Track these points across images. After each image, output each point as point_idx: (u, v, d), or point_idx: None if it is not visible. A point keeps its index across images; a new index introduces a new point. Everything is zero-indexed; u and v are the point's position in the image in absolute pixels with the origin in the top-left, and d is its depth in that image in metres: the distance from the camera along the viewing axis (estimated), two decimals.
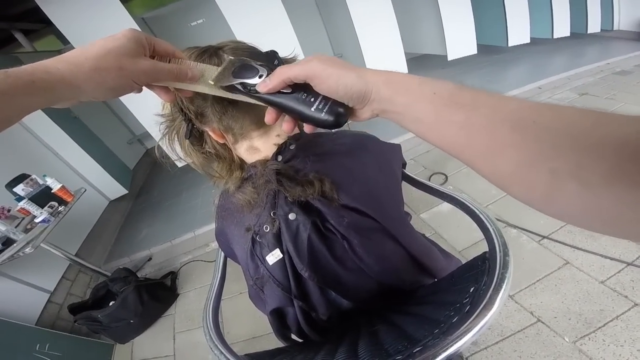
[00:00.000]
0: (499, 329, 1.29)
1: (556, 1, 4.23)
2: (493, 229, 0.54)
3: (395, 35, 3.08)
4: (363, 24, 2.95)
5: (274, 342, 1.21)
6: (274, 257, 0.51)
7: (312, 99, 0.36)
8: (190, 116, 0.49)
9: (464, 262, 0.60)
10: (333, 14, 4.06)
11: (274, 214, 0.51)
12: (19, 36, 3.64)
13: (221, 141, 0.54)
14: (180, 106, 0.49)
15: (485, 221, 0.57)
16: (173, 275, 2.08)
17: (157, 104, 0.49)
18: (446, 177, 2.25)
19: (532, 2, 4.05)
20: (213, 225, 0.67)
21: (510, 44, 4.12)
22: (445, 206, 1.91)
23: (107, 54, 0.32)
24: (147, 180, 4.05)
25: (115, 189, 3.31)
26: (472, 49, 3.54)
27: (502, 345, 1.25)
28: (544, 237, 1.62)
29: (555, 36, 4.56)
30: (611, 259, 1.43)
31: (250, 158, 0.56)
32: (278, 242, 0.51)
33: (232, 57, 0.40)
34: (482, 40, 4.03)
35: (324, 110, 0.35)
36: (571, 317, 1.27)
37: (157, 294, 1.88)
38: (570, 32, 4.67)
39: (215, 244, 1.60)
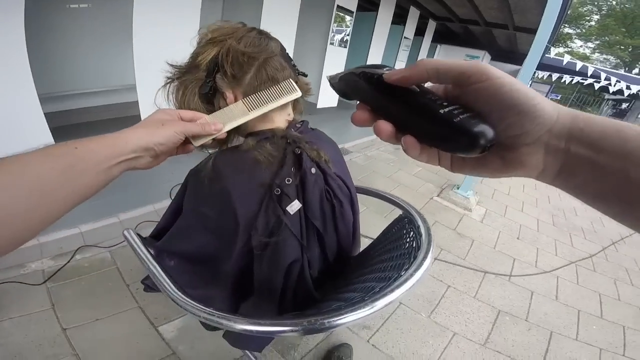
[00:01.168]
0: (379, 314, 1.50)
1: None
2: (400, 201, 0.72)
3: None
4: None
5: None
6: (293, 207, 0.54)
7: (446, 103, 0.23)
8: (220, 75, 0.54)
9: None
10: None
11: (299, 168, 0.56)
12: None
13: None
14: (218, 63, 0.53)
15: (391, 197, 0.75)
16: None
17: None
18: None
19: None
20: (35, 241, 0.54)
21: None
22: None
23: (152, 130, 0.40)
24: None
25: None
26: (334, 102, 4.21)
27: (386, 326, 1.46)
28: None
29: None
30: None
31: (258, 126, 0.60)
32: (297, 194, 0.56)
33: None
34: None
35: (462, 117, 0.22)
36: (419, 299, 1.66)
37: None
38: None
39: (35, 265, 1.38)
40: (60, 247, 1.46)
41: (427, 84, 0.26)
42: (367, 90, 0.27)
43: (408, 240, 0.60)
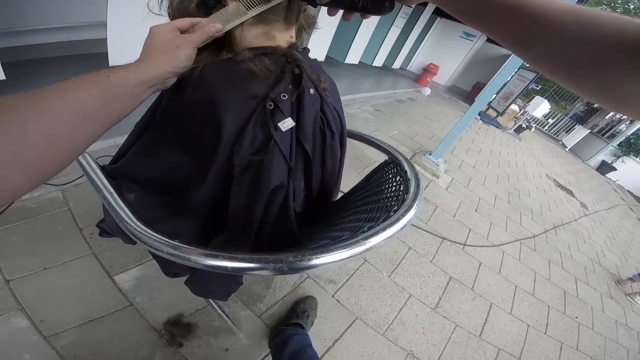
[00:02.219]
0: (346, 269, 1.55)
1: (385, 41, 5.97)
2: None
3: None
4: None
5: (121, 325, 0.97)
6: (286, 125, 0.51)
7: None
8: None
9: None
10: None
11: (297, 87, 0.53)
12: None
13: None
14: None
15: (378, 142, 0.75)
16: None
17: None
18: None
19: (372, 37, 5.46)
20: None
21: (346, 61, 5.38)
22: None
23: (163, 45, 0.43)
24: None
25: None
26: (322, 57, 4.30)
27: (351, 282, 1.51)
28: None
29: (373, 64, 6.29)
30: None
31: (258, 42, 0.55)
32: (291, 112, 0.52)
33: None
34: (330, 53, 5.09)
35: None
36: (382, 258, 1.73)
37: None
38: (382, 64, 6.52)
39: None
40: None
41: None
42: None
43: (394, 184, 0.59)
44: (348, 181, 0.78)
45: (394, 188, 0.57)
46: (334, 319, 1.31)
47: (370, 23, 5.12)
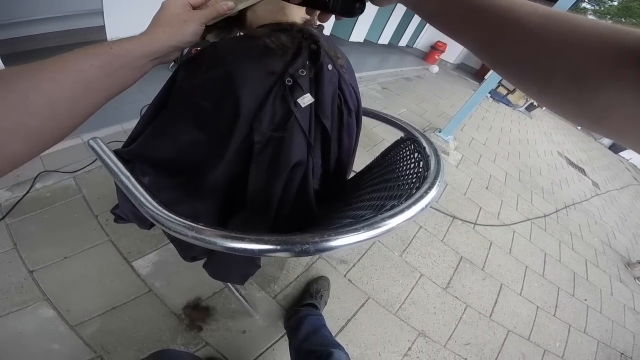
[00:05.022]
0: (357, 249, 1.56)
1: (391, 19, 5.81)
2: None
3: None
4: None
5: (142, 311, 0.98)
6: (305, 100, 0.50)
7: None
8: None
9: None
10: None
11: (314, 63, 0.52)
12: None
13: None
14: None
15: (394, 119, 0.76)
16: None
17: None
18: None
19: (376, 16, 5.31)
20: None
21: (350, 39, 5.33)
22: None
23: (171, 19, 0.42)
24: None
25: None
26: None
27: (362, 261, 1.52)
28: None
29: (378, 42, 6.12)
30: None
31: (272, 17, 0.55)
32: (310, 88, 0.52)
33: None
34: (333, 32, 5.05)
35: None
36: (393, 237, 1.73)
37: None
38: (388, 42, 6.33)
39: None
40: (16, 174, 1.28)
41: None
42: None
43: (413, 160, 0.58)
44: (358, 159, 0.77)
45: (412, 165, 0.56)
46: (347, 299, 1.33)
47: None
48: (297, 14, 0.55)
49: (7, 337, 0.88)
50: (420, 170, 0.52)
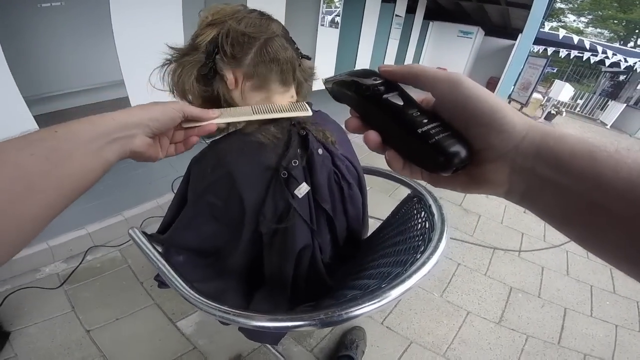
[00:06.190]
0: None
1: (387, 53, 5.92)
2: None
3: None
4: None
5: None
6: (302, 190, 0.53)
7: (426, 120, 0.24)
8: (220, 56, 0.53)
9: None
10: None
11: (305, 150, 0.55)
12: None
13: (231, 87, 0.55)
14: (218, 44, 0.52)
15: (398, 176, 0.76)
16: None
17: None
18: None
19: (373, 52, 5.37)
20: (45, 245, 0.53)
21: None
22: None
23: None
24: None
25: None
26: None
27: (399, 307, 1.47)
28: None
29: None
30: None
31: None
32: (305, 176, 0.54)
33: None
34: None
35: (438, 137, 0.22)
36: (430, 278, 1.65)
37: None
38: None
39: (49, 269, 1.40)
40: (70, 249, 1.47)
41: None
42: (356, 100, 0.28)
43: (420, 220, 0.59)
44: (380, 207, 0.79)
45: (419, 225, 0.58)
46: (387, 346, 1.27)
47: (367, 39, 5.06)
48: (284, 100, 0.58)
49: None
50: (426, 230, 0.54)
